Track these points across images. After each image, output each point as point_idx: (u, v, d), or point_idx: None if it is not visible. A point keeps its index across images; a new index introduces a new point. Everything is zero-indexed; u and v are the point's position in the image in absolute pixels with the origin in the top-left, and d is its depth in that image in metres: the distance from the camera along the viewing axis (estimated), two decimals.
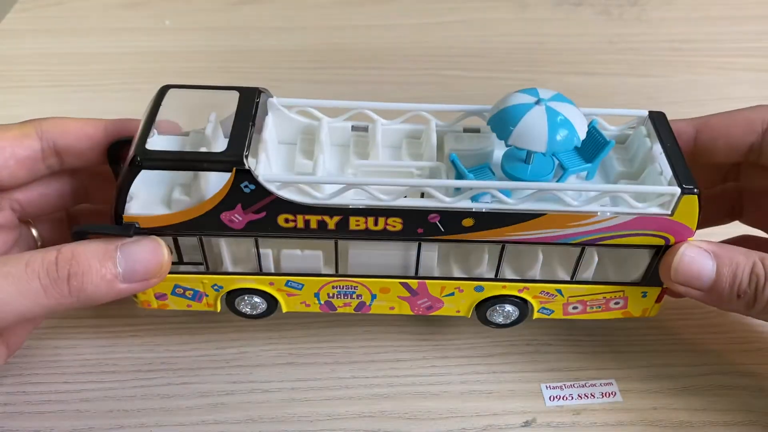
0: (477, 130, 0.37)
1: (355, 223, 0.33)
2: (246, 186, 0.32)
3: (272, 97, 0.37)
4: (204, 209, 0.33)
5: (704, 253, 0.34)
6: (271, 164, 0.36)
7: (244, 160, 0.31)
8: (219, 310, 0.39)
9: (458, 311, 0.39)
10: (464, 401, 0.39)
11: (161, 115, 0.34)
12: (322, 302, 0.39)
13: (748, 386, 0.40)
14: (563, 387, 0.39)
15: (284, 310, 0.39)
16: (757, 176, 0.39)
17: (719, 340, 0.42)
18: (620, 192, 0.33)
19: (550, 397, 0.39)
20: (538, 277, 0.37)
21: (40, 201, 0.37)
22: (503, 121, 0.33)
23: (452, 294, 0.38)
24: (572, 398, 0.39)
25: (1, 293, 0.30)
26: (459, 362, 0.41)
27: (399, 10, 0.76)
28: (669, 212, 0.33)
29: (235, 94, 0.35)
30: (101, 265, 0.31)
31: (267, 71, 0.67)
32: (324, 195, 0.33)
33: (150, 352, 0.41)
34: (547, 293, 0.38)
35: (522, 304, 0.38)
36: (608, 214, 0.33)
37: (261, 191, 0.32)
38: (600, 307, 0.39)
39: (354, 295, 0.38)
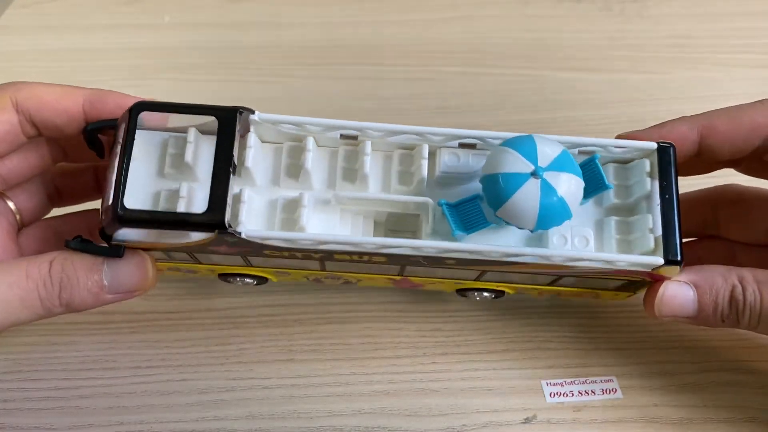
0: (473, 146, 0.35)
1: (340, 256, 0.34)
2: (229, 239, 0.32)
3: (254, 113, 0.34)
4: (189, 245, 0.33)
5: (683, 285, 0.34)
6: (256, 181, 0.34)
7: (226, 224, 0.31)
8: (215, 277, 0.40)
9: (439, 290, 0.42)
10: (465, 398, 0.39)
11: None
12: (310, 279, 0.40)
13: (749, 383, 0.39)
14: (564, 384, 0.39)
15: (274, 279, 0.40)
16: (754, 166, 0.38)
17: (720, 337, 0.42)
18: (602, 260, 0.32)
19: (550, 394, 0.39)
20: (516, 282, 0.38)
21: (20, 167, 0.36)
22: (495, 191, 0.30)
23: (433, 284, 0.40)
24: (573, 395, 0.39)
25: (8, 303, 0.31)
26: (459, 359, 0.41)
27: (399, 6, 0.76)
28: (650, 270, 0.33)
29: (214, 120, 0.32)
30: (88, 278, 0.32)
31: (267, 67, 0.67)
32: (308, 240, 0.32)
33: (149, 348, 0.41)
34: (524, 290, 0.40)
35: (499, 291, 0.40)
36: (589, 266, 0.33)
37: (243, 241, 0.32)
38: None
39: (341, 280, 0.40)
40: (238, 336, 0.42)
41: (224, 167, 0.31)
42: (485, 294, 0.40)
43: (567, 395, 0.39)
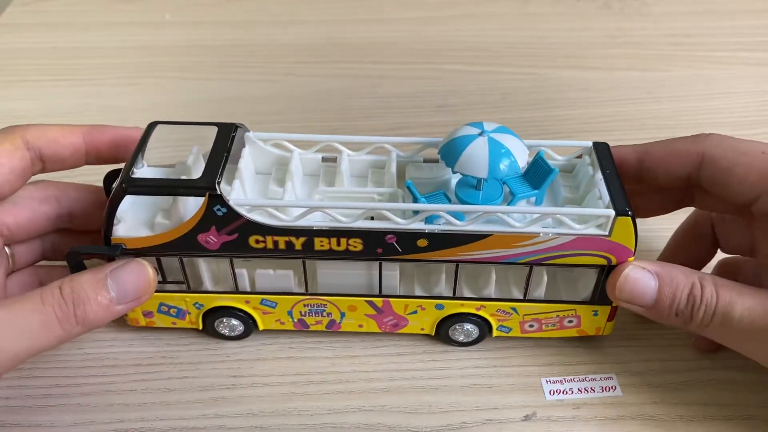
0: (436, 161, 0.40)
1: (320, 243, 0.36)
2: (218, 209, 0.35)
3: (249, 131, 0.40)
4: (182, 231, 0.36)
5: (647, 273, 0.36)
6: (246, 191, 0.38)
7: (216, 186, 0.34)
8: (201, 327, 0.41)
9: (422, 329, 0.41)
10: (465, 395, 0.39)
11: (149, 149, 0.38)
12: (296, 320, 0.40)
13: (747, 381, 0.40)
14: (563, 381, 0.40)
15: (260, 327, 0.41)
16: (707, 200, 0.40)
17: None
18: (558, 214, 0.35)
19: (550, 391, 0.39)
20: (493, 296, 0.39)
21: (29, 225, 0.39)
22: (450, 151, 0.36)
23: (415, 312, 0.40)
24: (572, 392, 0.39)
25: (31, 329, 0.33)
26: (459, 356, 0.41)
27: (399, 4, 0.76)
28: (606, 233, 0.35)
29: (215, 129, 0.38)
30: (96, 293, 0.34)
31: (267, 65, 0.67)
32: (290, 218, 0.35)
33: (151, 346, 0.41)
34: (503, 311, 0.39)
35: (481, 323, 0.40)
36: (550, 234, 0.35)
37: (232, 214, 0.35)
38: (555, 325, 0.40)
39: (324, 313, 0.40)
40: None
41: (220, 152, 0.36)
42: (468, 327, 0.40)
43: (567, 393, 0.39)
